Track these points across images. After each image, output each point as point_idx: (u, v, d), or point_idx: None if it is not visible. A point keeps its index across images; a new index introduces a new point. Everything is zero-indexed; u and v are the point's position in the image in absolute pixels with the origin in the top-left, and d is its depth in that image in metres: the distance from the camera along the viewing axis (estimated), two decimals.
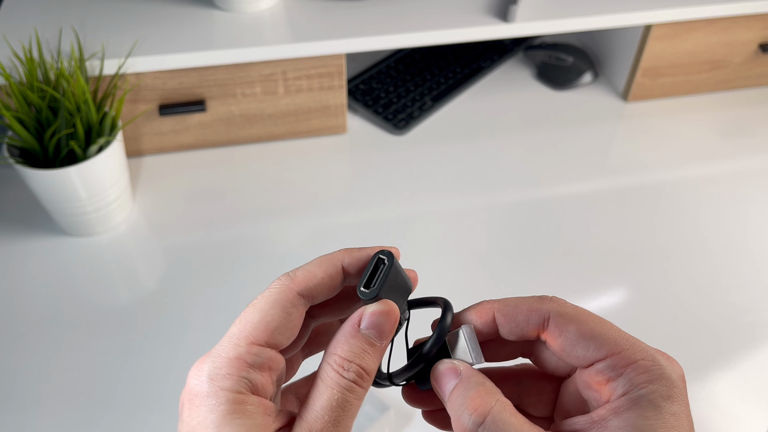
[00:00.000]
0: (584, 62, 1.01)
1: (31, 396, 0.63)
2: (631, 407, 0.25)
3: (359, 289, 0.30)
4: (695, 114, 0.99)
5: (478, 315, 0.30)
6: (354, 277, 0.31)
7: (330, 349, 0.28)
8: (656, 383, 0.26)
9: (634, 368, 0.26)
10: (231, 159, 0.89)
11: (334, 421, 0.27)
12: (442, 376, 0.29)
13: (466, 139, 0.93)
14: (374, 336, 0.28)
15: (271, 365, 0.28)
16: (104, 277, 0.74)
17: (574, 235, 0.80)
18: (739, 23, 0.95)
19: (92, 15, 0.84)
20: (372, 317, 0.28)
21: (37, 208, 0.80)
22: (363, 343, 0.28)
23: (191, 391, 0.27)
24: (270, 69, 0.84)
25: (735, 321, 0.71)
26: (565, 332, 0.28)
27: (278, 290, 0.29)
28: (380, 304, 0.29)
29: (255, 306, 0.29)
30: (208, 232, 0.79)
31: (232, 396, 0.26)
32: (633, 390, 0.26)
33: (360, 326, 0.28)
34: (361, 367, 0.28)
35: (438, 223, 0.81)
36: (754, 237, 0.81)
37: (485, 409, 0.27)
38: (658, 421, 0.25)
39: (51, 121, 0.70)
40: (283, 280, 0.30)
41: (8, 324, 0.69)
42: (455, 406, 0.27)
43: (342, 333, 0.28)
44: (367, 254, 0.31)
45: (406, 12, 0.87)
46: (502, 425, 0.26)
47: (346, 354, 0.28)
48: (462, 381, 0.28)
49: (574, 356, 0.28)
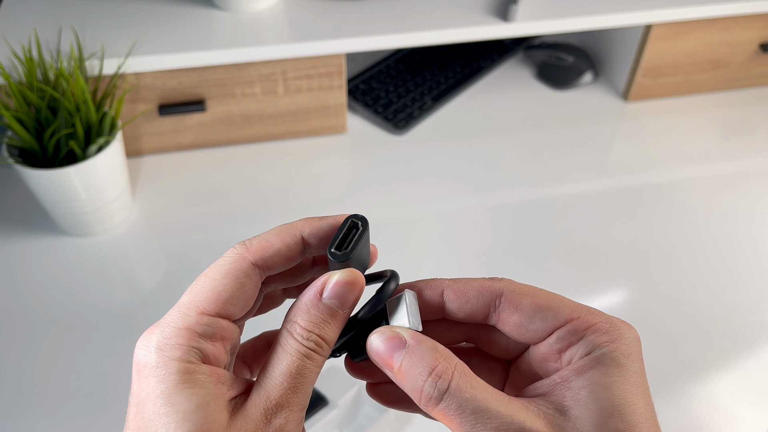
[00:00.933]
0: (584, 62, 1.01)
1: (31, 396, 0.63)
2: (594, 366, 0.25)
3: (330, 250, 0.28)
4: (695, 114, 0.99)
5: (426, 286, 0.29)
6: (315, 248, 0.30)
7: (290, 315, 0.28)
8: (617, 343, 0.26)
9: (593, 330, 0.26)
10: (231, 159, 0.89)
11: (292, 388, 0.26)
12: (385, 345, 0.27)
13: (466, 139, 0.93)
14: (336, 306, 0.27)
15: (223, 335, 0.27)
16: (104, 277, 0.74)
17: (574, 235, 0.80)
18: (739, 23, 0.94)
19: (92, 15, 0.84)
20: (336, 287, 0.27)
21: (36, 208, 0.80)
22: (324, 313, 0.27)
23: (139, 362, 0.26)
24: (270, 69, 0.84)
25: (735, 321, 0.71)
26: (521, 306, 0.28)
27: (232, 259, 0.29)
28: (345, 273, 0.28)
29: (207, 275, 0.29)
30: (207, 232, 0.79)
31: (182, 366, 0.26)
32: (595, 350, 0.26)
33: (322, 295, 0.27)
34: (321, 336, 0.27)
35: (438, 223, 0.81)
36: (754, 237, 0.80)
37: (448, 375, 0.25)
38: (621, 378, 0.25)
39: (50, 120, 0.70)
40: (238, 249, 0.29)
41: (8, 324, 0.69)
42: (412, 375, 0.26)
43: (303, 301, 0.28)
44: (329, 223, 0.30)
45: (406, 12, 0.87)
46: (470, 389, 0.25)
47: (305, 323, 0.27)
48: (412, 348, 0.26)
49: (532, 330, 0.27)
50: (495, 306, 0.28)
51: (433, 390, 0.25)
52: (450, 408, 0.25)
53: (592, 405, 0.25)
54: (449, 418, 0.25)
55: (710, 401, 0.64)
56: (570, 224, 0.81)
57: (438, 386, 0.25)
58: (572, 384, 0.26)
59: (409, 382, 0.26)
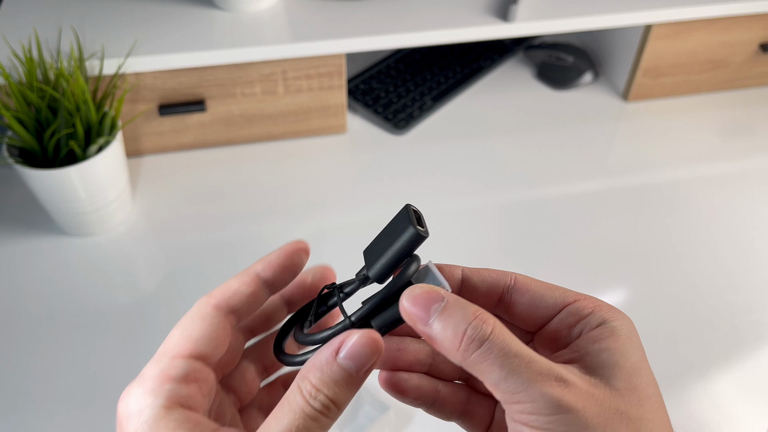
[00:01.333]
0: (584, 62, 1.01)
1: (31, 396, 0.63)
2: (609, 335, 0.28)
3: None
4: (695, 114, 0.99)
5: (445, 266, 0.31)
6: (275, 283, 0.31)
7: (303, 371, 0.27)
8: (622, 321, 0.29)
9: (600, 308, 0.29)
10: (231, 159, 0.89)
11: None
12: (422, 298, 0.27)
13: (466, 139, 0.93)
14: (351, 369, 0.26)
15: (197, 376, 0.27)
16: (104, 277, 0.74)
17: (574, 235, 0.80)
18: (739, 23, 0.94)
19: (92, 15, 0.84)
20: (353, 348, 0.26)
21: (36, 208, 0.80)
22: (337, 374, 0.26)
23: (120, 415, 0.27)
24: (270, 69, 0.84)
25: (735, 321, 0.71)
26: (532, 287, 0.30)
27: (196, 307, 0.30)
28: (364, 334, 0.27)
29: (176, 326, 0.29)
30: (207, 232, 0.79)
31: (155, 411, 0.26)
32: (605, 322, 0.28)
33: (338, 354, 0.26)
34: (330, 398, 0.26)
35: (438, 223, 0.81)
36: (754, 237, 0.81)
37: (491, 321, 0.26)
38: (632, 348, 0.28)
39: (50, 120, 0.70)
40: (201, 298, 0.30)
41: (8, 324, 0.69)
42: (454, 321, 0.26)
43: (319, 357, 0.27)
44: (276, 254, 0.32)
45: (406, 12, 0.87)
46: (509, 335, 0.26)
47: (316, 381, 0.26)
48: (452, 301, 0.26)
49: (543, 307, 0.30)
50: (508, 287, 0.30)
51: (476, 333, 0.25)
52: (492, 351, 0.25)
53: (614, 365, 0.27)
54: (488, 362, 0.25)
55: (710, 401, 0.64)
56: (570, 224, 0.81)
57: (482, 329, 0.26)
58: (591, 349, 0.27)
59: (451, 329, 0.26)
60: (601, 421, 0.25)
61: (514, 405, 0.25)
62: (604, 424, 0.25)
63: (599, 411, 0.25)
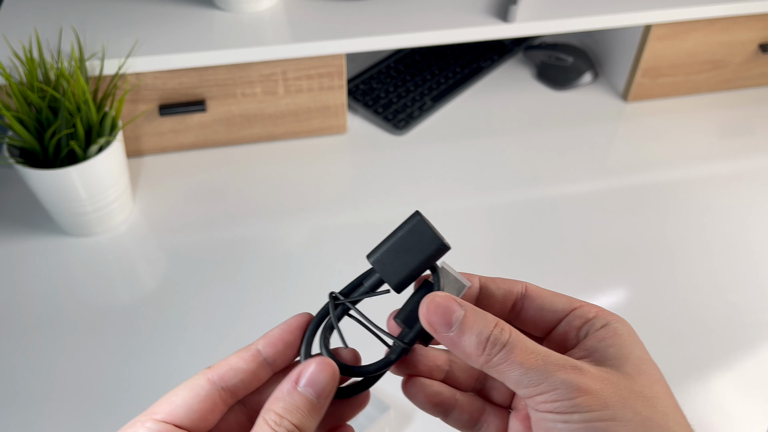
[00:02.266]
0: (584, 62, 1.01)
1: (31, 396, 0.63)
2: (614, 334, 0.30)
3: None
4: (695, 114, 0.99)
5: (465, 275, 0.33)
6: (275, 362, 0.31)
7: (267, 405, 0.28)
8: (623, 324, 0.31)
9: (602, 312, 0.32)
10: (231, 159, 0.89)
11: None
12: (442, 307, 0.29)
13: (466, 139, 0.93)
14: (311, 395, 0.28)
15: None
16: (104, 277, 0.74)
17: (574, 235, 0.80)
18: (739, 23, 0.95)
19: (92, 15, 0.84)
20: (312, 376, 0.28)
21: (37, 208, 0.80)
22: (299, 401, 0.28)
23: None
24: (270, 69, 0.84)
25: (735, 321, 0.71)
26: (542, 294, 0.33)
27: (193, 377, 0.30)
28: (320, 363, 0.29)
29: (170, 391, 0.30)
30: (208, 232, 0.79)
31: None
32: (609, 324, 0.31)
33: (298, 384, 0.28)
34: (295, 424, 0.27)
35: (437, 223, 0.81)
36: (754, 237, 0.81)
37: (508, 327, 0.29)
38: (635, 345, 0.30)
39: (51, 121, 0.70)
40: (202, 370, 0.31)
41: (8, 324, 0.69)
42: (478, 327, 0.28)
43: (280, 389, 0.28)
44: (279, 329, 0.31)
45: (406, 12, 0.87)
46: (523, 337, 0.28)
47: (280, 410, 0.28)
48: (471, 310, 0.29)
49: (552, 311, 0.32)
50: (521, 294, 0.33)
51: (496, 338, 0.28)
52: (512, 351, 0.28)
53: (622, 357, 0.29)
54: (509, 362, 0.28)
55: (710, 401, 0.64)
56: (570, 224, 0.82)
57: (502, 335, 0.28)
58: (598, 346, 0.30)
59: (474, 335, 0.28)
60: (619, 400, 0.27)
61: (537, 397, 0.27)
62: (623, 402, 0.27)
63: (616, 390, 0.27)
